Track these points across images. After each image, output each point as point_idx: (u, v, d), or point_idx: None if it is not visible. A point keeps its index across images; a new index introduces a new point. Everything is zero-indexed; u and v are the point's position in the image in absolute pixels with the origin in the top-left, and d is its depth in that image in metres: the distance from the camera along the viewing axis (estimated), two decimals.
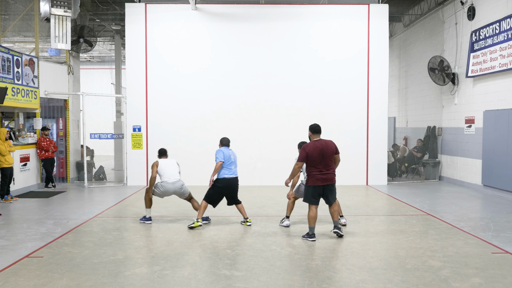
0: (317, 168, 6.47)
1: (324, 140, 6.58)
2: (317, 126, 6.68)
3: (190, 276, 5.07)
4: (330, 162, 6.53)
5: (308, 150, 6.46)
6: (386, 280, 4.94)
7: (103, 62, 23.60)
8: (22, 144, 11.30)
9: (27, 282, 4.87)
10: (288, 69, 12.65)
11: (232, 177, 7.47)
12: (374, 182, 12.66)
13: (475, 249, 6.14)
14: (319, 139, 6.61)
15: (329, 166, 6.52)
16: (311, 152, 6.44)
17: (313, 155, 6.44)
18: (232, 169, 7.47)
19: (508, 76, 10.32)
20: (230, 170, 7.44)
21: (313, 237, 6.59)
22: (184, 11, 12.61)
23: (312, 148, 6.46)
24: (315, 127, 6.67)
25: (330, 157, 6.52)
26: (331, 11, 12.71)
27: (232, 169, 7.47)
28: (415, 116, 15.73)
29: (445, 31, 13.40)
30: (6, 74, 10.26)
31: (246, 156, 12.61)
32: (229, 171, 7.43)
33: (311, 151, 6.45)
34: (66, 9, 10.26)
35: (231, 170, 7.46)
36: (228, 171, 7.42)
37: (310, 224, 6.61)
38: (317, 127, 6.66)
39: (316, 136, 6.65)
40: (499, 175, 10.61)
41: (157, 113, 12.61)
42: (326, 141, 6.59)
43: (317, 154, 6.43)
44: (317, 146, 6.48)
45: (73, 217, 8.27)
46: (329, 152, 6.50)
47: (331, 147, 6.54)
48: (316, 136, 6.65)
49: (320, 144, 6.50)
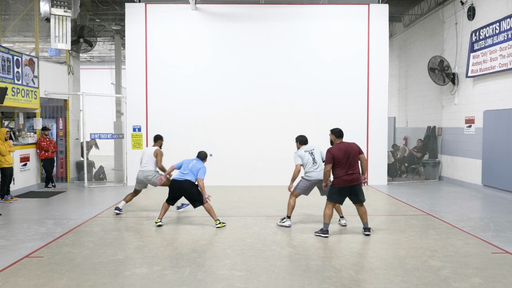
0: (343, 169, 6.65)
1: (347, 142, 6.85)
2: (340, 130, 6.96)
3: (190, 276, 5.07)
4: (354, 163, 6.71)
5: (334, 152, 6.68)
6: (386, 280, 4.94)
7: (103, 62, 23.59)
8: (22, 144, 11.30)
9: (27, 282, 4.87)
10: (288, 69, 12.65)
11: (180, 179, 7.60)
12: (374, 182, 12.66)
13: (475, 249, 6.14)
14: (342, 142, 6.87)
15: (354, 167, 6.69)
16: (336, 153, 6.66)
17: (338, 156, 6.64)
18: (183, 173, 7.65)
19: (508, 76, 10.32)
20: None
21: (326, 234, 6.79)
22: (184, 11, 12.61)
23: (337, 149, 6.70)
24: (338, 131, 6.94)
25: (355, 158, 6.71)
26: (331, 11, 12.72)
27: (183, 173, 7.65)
28: (415, 116, 15.74)
29: (445, 31, 13.41)
30: (6, 74, 10.26)
31: (246, 156, 12.63)
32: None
33: (336, 152, 6.67)
34: (66, 9, 10.27)
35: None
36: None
37: (325, 220, 6.82)
38: (340, 132, 6.94)
39: (339, 140, 6.91)
40: (499, 175, 10.61)
41: (157, 113, 12.61)
42: (349, 143, 6.85)
43: (342, 155, 6.64)
44: (341, 147, 6.71)
45: (73, 217, 8.27)
46: (353, 153, 6.70)
47: (355, 148, 6.76)
48: (339, 140, 6.91)
49: (343, 146, 6.74)
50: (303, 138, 7.65)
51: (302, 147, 7.52)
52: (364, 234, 6.89)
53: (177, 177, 7.59)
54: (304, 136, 7.69)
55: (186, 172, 7.57)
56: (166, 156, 12.60)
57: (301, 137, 7.67)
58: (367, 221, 6.96)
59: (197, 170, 7.54)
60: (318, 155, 7.40)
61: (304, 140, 7.63)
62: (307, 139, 7.67)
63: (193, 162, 7.71)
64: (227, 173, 12.59)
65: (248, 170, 12.46)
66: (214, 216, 7.53)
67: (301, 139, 7.63)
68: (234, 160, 12.67)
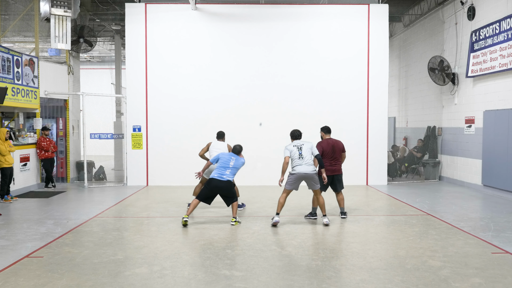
0: (328, 160, 7.88)
1: (334, 139, 8.11)
2: (328, 127, 8.27)
3: (190, 276, 5.07)
4: (338, 157, 7.99)
5: (323, 145, 7.97)
6: (386, 280, 4.94)
7: (103, 62, 23.58)
8: (22, 144, 11.30)
9: (27, 282, 4.87)
10: (288, 69, 12.65)
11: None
12: (374, 182, 12.66)
13: (475, 249, 6.14)
14: (330, 138, 8.12)
15: (337, 160, 7.97)
16: (325, 147, 7.94)
17: (326, 150, 7.92)
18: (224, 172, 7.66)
19: (508, 76, 10.32)
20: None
21: (315, 216, 8.03)
22: (184, 11, 12.61)
23: (326, 144, 7.99)
24: (327, 128, 8.25)
25: (339, 153, 7.99)
26: (331, 11, 12.71)
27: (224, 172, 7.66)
28: (415, 116, 15.73)
29: (445, 31, 13.41)
30: (6, 74, 10.26)
31: (246, 156, 12.57)
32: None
33: (325, 146, 7.96)
34: (66, 9, 10.26)
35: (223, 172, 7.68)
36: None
37: (314, 205, 8.01)
38: (328, 128, 8.25)
39: (328, 135, 8.18)
40: (499, 175, 10.61)
41: (157, 113, 12.61)
42: (336, 140, 8.10)
43: (330, 149, 7.94)
44: (329, 143, 8.00)
45: (73, 217, 8.27)
46: (338, 149, 7.99)
47: (340, 145, 8.04)
48: (327, 135, 8.18)
49: (332, 142, 8.03)
50: (294, 133, 7.89)
51: (292, 142, 7.78)
52: (341, 217, 8.10)
53: (217, 177, 7.53)
54: (295, 131, 7.89)
55: (228, 172, 7.58)
56: (165, 156, 12.67)
57: (292, 132, 7.92)
58: (344, 206, 8.18)
59: (237, 169, 7.71)
60: (307, 150, 7.56)
61: (295, 135, 7.85)
62: (300, 134, 7.86)
63: (232, 160, 7.70)
64: None
65: (248, 170, 12.43)
66: (235, 213, 7.69)
67: (292, 134, 7.89)
68: None
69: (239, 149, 7.90)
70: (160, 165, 12.56)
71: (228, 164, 7.65)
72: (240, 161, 7.81)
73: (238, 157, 7.81)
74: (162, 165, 12.54)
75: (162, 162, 12.54)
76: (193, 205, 7.60)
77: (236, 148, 7.91)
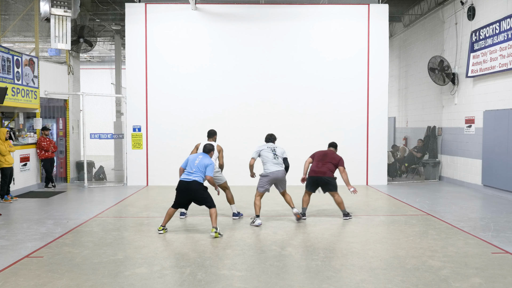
0: (316, 162, 8.15)
1: (333, 152, 8.33)
2: (333, 142, 8.62)
3: (190, 276, 5.07)
4: (326, 163, 8.07)
5: (316, 151, 8.40)
6: (386, 280, 4.94)
7: (103, 62, 23.57)
8: (22, 144, 11.29)
9: (27, 282, 4.87)
10: (288, 69, 12.64)
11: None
12: (374, 182, 12.66)
13: (475, 249, 6.14)
14: (330, 149, 8.43)
15: (324, 165, 8.06)
16: (317, 152, 8.35)
17: (317, 154, 8.29)
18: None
19: (508, 76, 10.32)
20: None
21: (304, 217, 8.16)
22: (184, 11, 12.60)
23: (319, 151, 8.39)
24: (332, 143, 8.61)
25: (329, 161, 8.09)
26: (331, 11, 12.71)
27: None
28: (415, 116, 15.73)
29: (445, 31, 13.40)
30: (6, 74, 10.26)
31: (246, 156, 12.54)
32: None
33: (318, 152, 8.35)
34: (66, 9, 10.25)
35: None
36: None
37: (303, 205, 8.26)
38: (333, 143, 8.59)
39: (329, 148, 8.50)
40: (499, 175, 10.61)
41: (157, 113, 12.61)
42: (334, 153, 8.30)
43: (321, 155, 8.24)
44: (324, 151, 8.37)
45: (73, 217, 8.27)
46: (330, 158, 8.12)
47: (335, 157, 8.17)
48: (329, 148, 8.50)
49: (327, 151, 8.33)
50: (267, 136, 8.17)
51: (266, 143, 8.04)
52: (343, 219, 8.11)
53: (184, 178, 6.98)
54: (268, 135, 8.16)
55: (193, 171, 6.94)
56: (165, 156, 12.66)
57: (268, 135, 8.19)
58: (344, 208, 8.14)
59: (204, 167, 6.95)
60: (280, 153, 7.90)
61: (267, 138, 8.12)
62: (273, 138, 8.10)
63: (198, 158, 7.06)
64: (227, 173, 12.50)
65: (248, 170, 12.41)
66: (215, 222, 6.83)
67: (265, 137, 8.16)
68: (234, 160, 12.64)
69: (209, 148, 7.28)
70: (160, 165, 12.55)
71: (194, 163, 7.00)
72: (206, 161, 7.01)
73: (205, 156, 7.13)
74: (162, 165, 12.52)
75: (162, 162, 12.53)
76: (168, 214, 7.04)
77: (206, 147, 7.31)
